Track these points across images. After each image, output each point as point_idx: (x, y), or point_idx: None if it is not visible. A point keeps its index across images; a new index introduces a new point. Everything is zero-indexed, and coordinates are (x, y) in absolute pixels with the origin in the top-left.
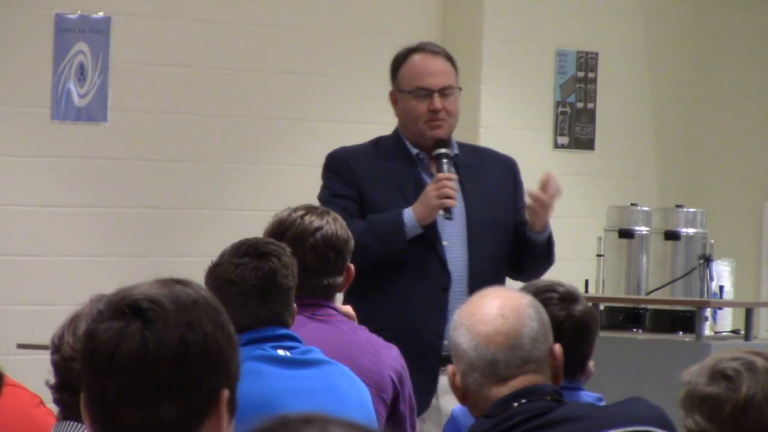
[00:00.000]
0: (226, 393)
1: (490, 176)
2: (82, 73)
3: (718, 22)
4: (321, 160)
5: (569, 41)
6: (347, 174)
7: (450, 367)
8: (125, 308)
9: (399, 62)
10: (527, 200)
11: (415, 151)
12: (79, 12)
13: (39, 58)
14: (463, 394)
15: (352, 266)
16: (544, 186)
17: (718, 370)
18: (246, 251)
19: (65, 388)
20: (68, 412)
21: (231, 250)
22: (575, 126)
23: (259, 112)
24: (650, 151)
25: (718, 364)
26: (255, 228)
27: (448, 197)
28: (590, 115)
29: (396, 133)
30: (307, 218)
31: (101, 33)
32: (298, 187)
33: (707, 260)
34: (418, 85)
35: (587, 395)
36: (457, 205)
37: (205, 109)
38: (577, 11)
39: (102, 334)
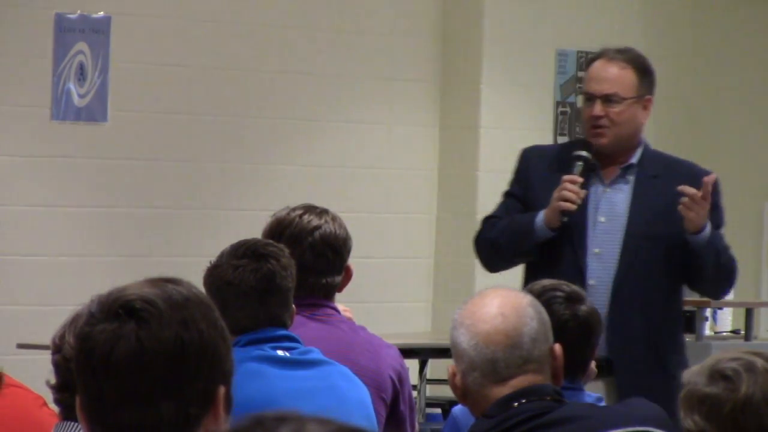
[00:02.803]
0: (222, 390)
1: (672, 188)
2: (82, 73)
3: (717, 22)
4: (321, 160)
5: (569, 41)
6: (522, 172)
7: (450, 367)
8: (119, 309)
9: (587, 66)
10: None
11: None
12: (79, 12)
13: (39, 58)
14: (463, 393)
15: (351, 265)
16: (706, 185)
17: (717, 371)
18: (245, 253)
19: (66, 389)
20: (69, 412)
21: (230, 252)
22: (575, 126)
23: (259, 112)
24: None
25: (717, 364)
26: (255, 228)
27: (567, 200)
28: None
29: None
30: (306, 217)
31: (101, 33)
32: (298, 187)
33: None
34: (585, 90)
35: (587, 395)
36: (573, 208)
37: (205, 109)
38: (577, 11)
39: (97, 336)
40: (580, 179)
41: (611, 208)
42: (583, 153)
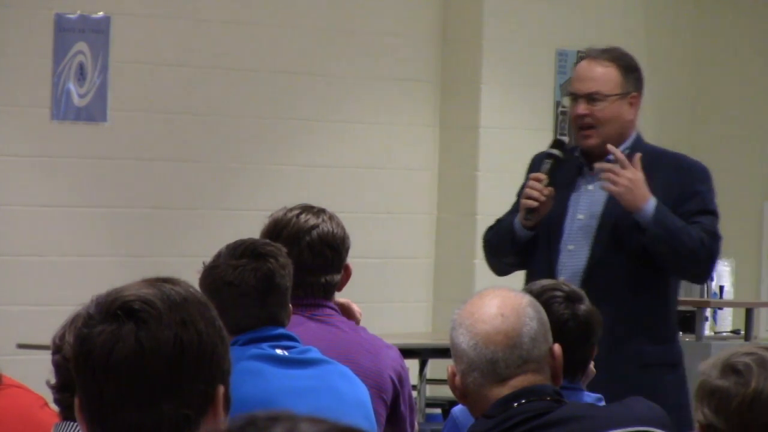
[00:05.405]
0: (221, 389)
1: (656, 182)
2: (81, 73)
3: (718, 22)
4: (320, 160)
5: (569, 41)
6: (527, 176)
7: (449, 367)
8: (117, 310)
9: (575, 68)
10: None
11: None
12: (78, 12)
13: (39, 58)
14: (462, 393)
15: (350, 264)
16: (615, 153)
17: (729, 364)
18: (243, 253)
19: (66, 389)
20: (69, 412)
21: (227, 252)
22: None
23: (259, 112)
24: None
25: (731, 357)
26: (255, 228)
27: (530, 198)
28: None
29: None
30: (303, 217)
31: (101, 33)
32: (298, 187)
33: None
34: (569, 90)
35: (587, 396)
36: (535, 205)
37: (205, 109)
38: (577, 11)
39: (96, 338)
40: (544, 176)
41: (590, 206)
42: (553, 151)
